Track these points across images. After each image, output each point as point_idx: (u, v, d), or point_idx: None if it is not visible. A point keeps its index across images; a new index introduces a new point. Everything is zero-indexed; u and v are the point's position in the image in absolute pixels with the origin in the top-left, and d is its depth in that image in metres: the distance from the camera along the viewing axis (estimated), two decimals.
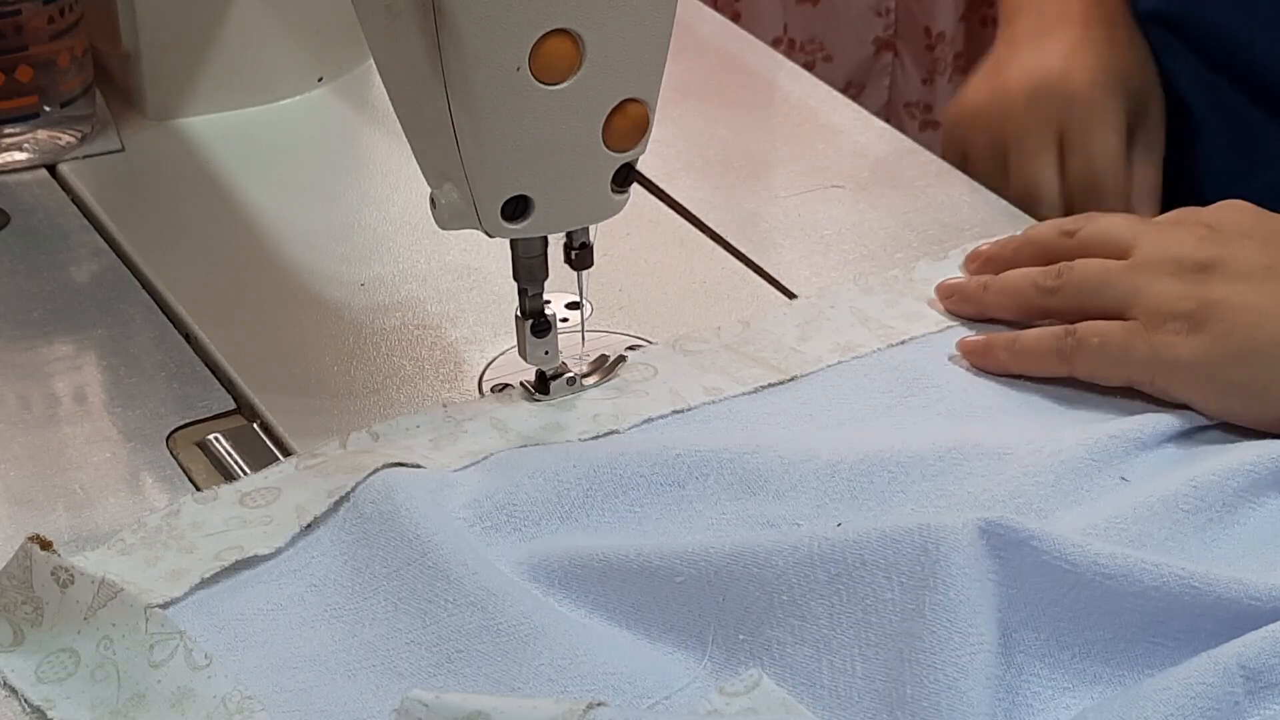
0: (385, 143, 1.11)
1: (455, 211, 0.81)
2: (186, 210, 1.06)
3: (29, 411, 0.89)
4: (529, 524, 0.78)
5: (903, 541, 0.71)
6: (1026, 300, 0.88)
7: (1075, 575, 0.71)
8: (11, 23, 1.05)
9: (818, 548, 0.72)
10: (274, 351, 0.93)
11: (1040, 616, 0.71)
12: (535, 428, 0.84)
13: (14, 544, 0.79)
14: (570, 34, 0.77)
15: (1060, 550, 0.71)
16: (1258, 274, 0.82)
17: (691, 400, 0.86)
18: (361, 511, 0.78)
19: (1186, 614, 0.70)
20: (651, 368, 0.88)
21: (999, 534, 0.71)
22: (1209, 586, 0.70)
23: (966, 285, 0.91)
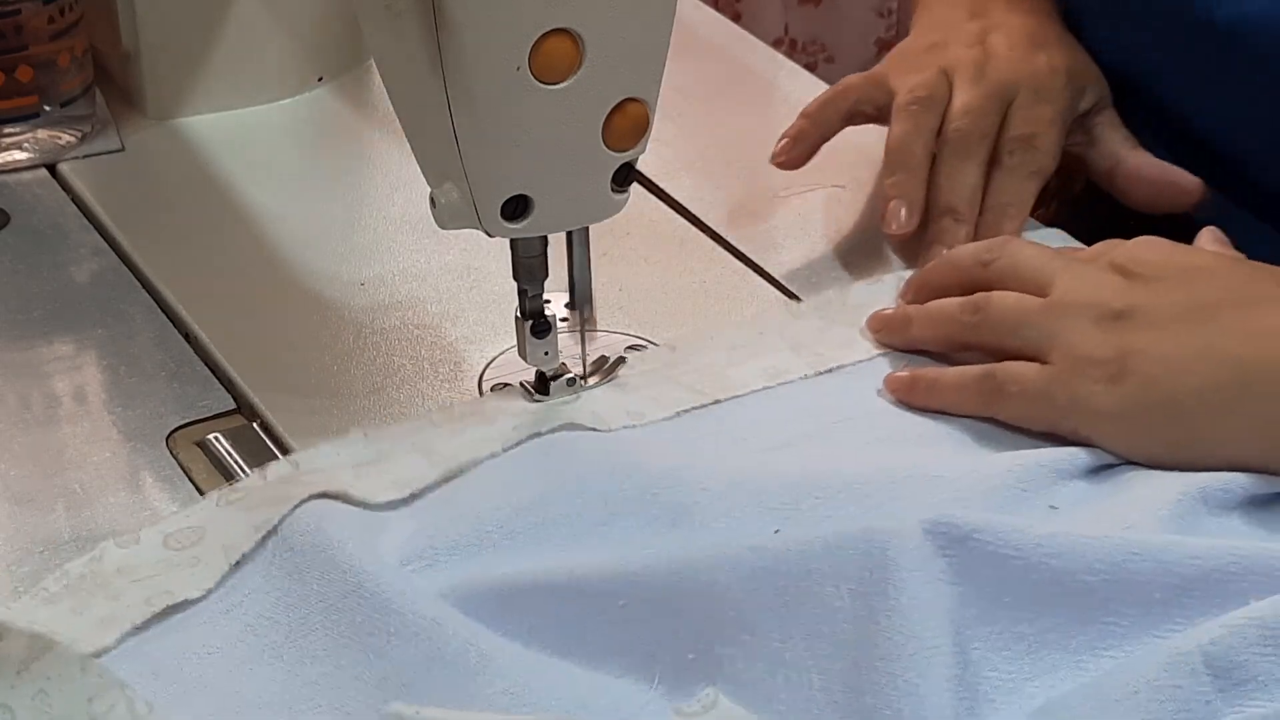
0: (385, 143, 1.11)
1: (455, 211, 0.81)
2: (186, 210, 1.06)
3: (29, 411, 0.89)
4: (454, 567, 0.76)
5: (848, 548, 0.70)
6: (949, 333, 0.87)
7: (1021, 561, 0.70)
8: (11, 23, 1.05)
9: (761, 560, 0.71)
10: (274, 351, 0.93)
11: (993, 609, 0.70)
12: (458, 448, 0.82)
13: (14, 544, 0.79)
14: (570, 34, 0.77)
15: (1004, 539, 0.70)
16: (1176, 320, 0.81)
17: (612, 423, 0.84)
18: (291, 545, 0.76)
19: (1134, 584, 0.70)
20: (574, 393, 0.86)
21: (943, 532, 0.70)
22: (1149, 550, 0.70)
23: (894, 317, 0.89)
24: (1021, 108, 0.98)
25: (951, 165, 0.97)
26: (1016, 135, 0.98)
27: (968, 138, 0.97)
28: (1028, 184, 0.97)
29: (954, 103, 0.98)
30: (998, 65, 1.00)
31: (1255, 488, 0.77)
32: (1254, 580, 0.70)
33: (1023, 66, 1.00)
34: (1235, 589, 0.70)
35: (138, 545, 0.77)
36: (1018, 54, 1.01)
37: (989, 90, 0.98)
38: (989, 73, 0.99)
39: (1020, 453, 0.80)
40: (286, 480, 0.79)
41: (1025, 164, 0.97)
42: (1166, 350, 0.80)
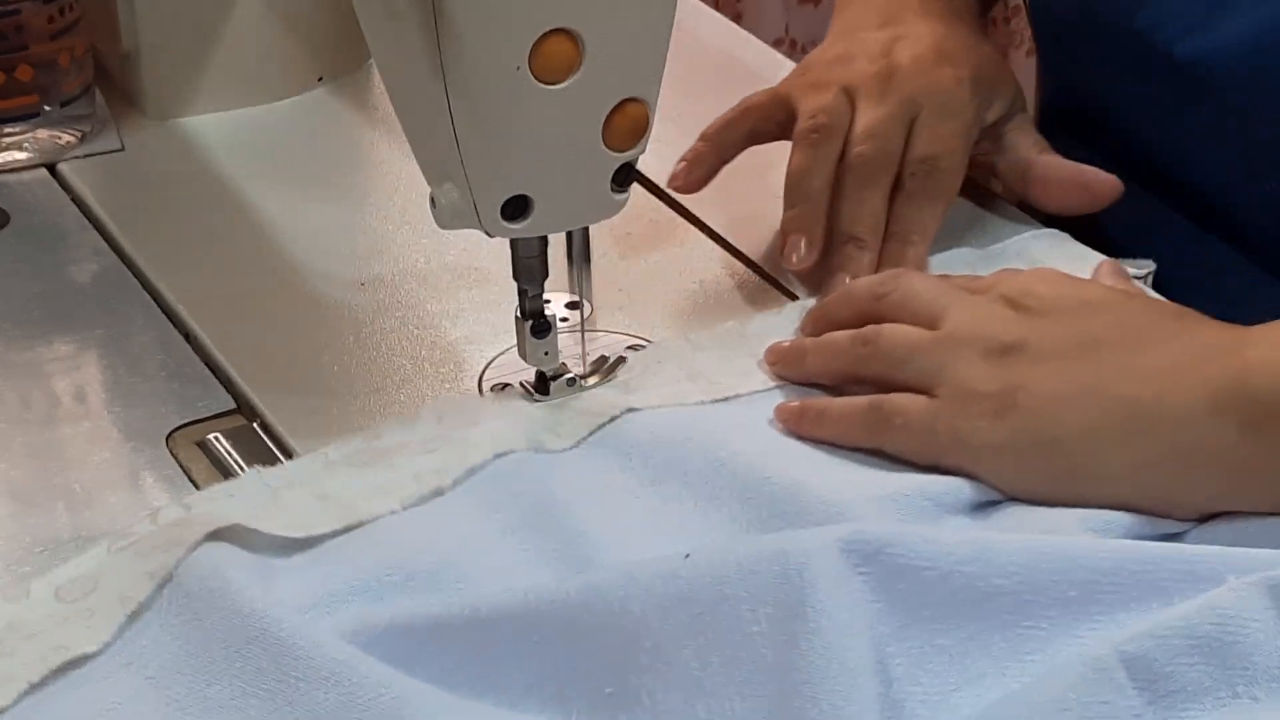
0: (385, 143, 1.11)
1: (455, 211, 0.81)
2: (186, 210, 1.06)
3: (29, 411, 0.89)
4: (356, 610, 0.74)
5: (762, 571, 0.69)
6: (841, 365, 0.86)
7: (935, 572, 0.69)
8: (11, 22, 1.05)
9: (674, 587, 0.69)
10: (274, 351, 0.93)
11: (912, 623, 0.69)
12: (359, 492, 0.79)
13: (14, 544, 0.79)
14: (570, 34, 0.77)
15: (916, 550, 0.69)
16: (1063, 356, 0.80)
17: (515, 445, 0.82)
18: (189, 592, 0.73)
19: (1048, 584, 0.69)
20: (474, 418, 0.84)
21: (856, 549, 0.69)
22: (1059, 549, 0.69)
23: (790, 349, 0.88)
24: (925, 125, 0.96)
25: (854, 192, 0.95)
26: (919, 157, 0.96)
27: (870, 164, 0.95)
28: (931, 209, 0.95)
29: (856, 124, 0.96)
30: (901, 81, 0.98)
31: (1137, 527, 0.76)
32: (1169, 570, 0.69)
33: (927, 81, 0.98)
34: (1150, 579, 0.69)
35: (28, 599, 0.74)
36: (922, 67, 0.99)
37: (892, 109, 0.96)
38: (892, 89, 0.97)
39: (904, 482, 0.79)
40: (179, 523, 0.76)
41: (928, 188, 0.95)
42: (1053, 386, 0.79)
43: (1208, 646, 0.66)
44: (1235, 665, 0.66)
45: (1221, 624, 0.66)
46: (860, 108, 0.97)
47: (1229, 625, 0.66)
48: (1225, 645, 0.66)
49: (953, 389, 0.81)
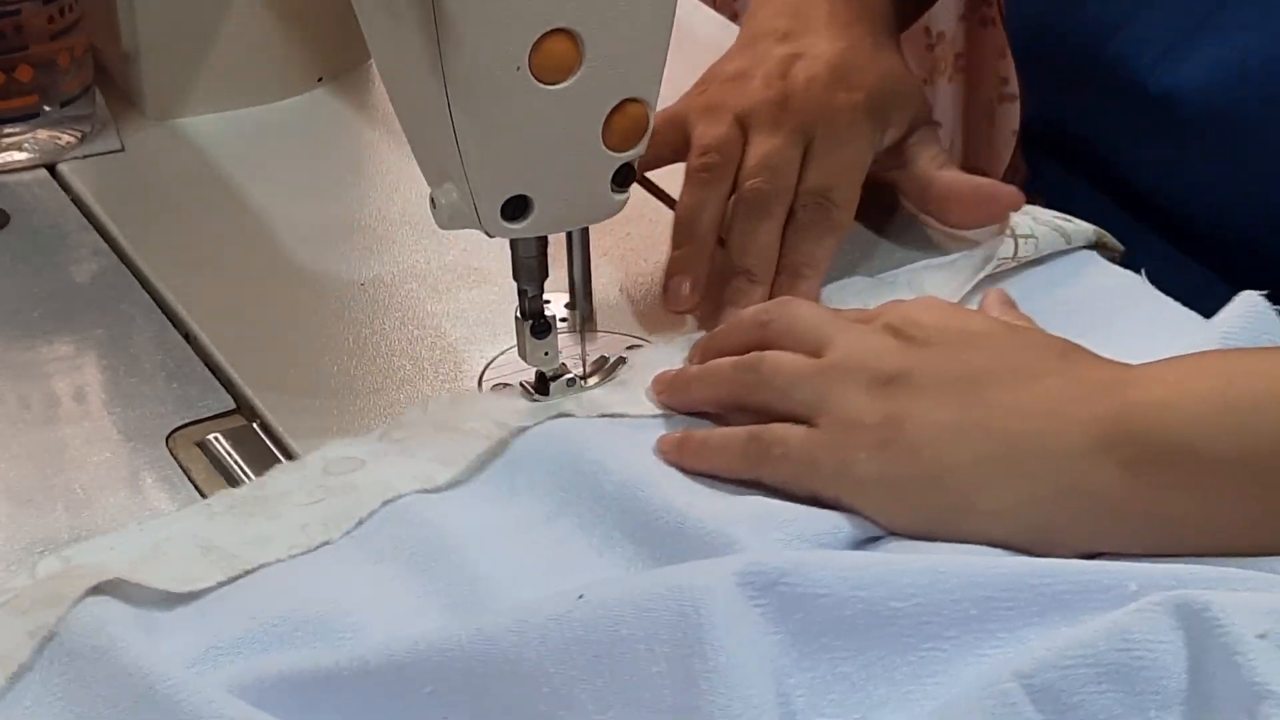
0: (385, 143, 1.11)
1: (455, 211, 0.81)
2: (186, 210, 1.06)
3: (29, 411, 0.89)
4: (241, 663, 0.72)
5: (658, 609, 0.67)
6: (726, 393, 0.84)
7: (831, 598, 0.67)
8: (11, 22, 1.05)
9: (569, 630, 0.67)
10: (274, 351, 0.93)
11: (812, 653, 0.67)
12: (243, 543, 0.77)
13: (14, 544, 0.79)
14: (570, 34, 0.77)
15: (811, 578, 0.68)
16: (945, 388, 0.78)
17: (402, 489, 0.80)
18: (71, 650, 0.70)
19: (946, 603, 0.68)
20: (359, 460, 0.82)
21: (751, 580, 0.67)
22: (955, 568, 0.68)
23: (676, 378, 0.86)
24: (818, 156, 0.95)
25: (746, 225, 0.93)
26: (811, 189, 0.94)
27: (762, 197, 0.93)
28: (823, 242, 0.94)
29: (749, 156, 0.95)
30: (795, 108, 0.96)
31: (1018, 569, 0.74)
32: (1069, 583, 0.68)
33: (821, 107, 0.96)
34: (1050, 593, 0.68)
35: None
36: (815, 92, 0.97)
37: (785, 139, 0.95)
38: (785, 118, 0.96)
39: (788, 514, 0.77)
40: (58, 577, 0.74)
41: (820, 221, 0.94)
42: (935, 419, 0.78)
43: (1116, 673, 0.65)
44: (1145, 690, 0.64)
45: (1128, 649, 0.65)
46: (753, 139, 0.95)
47: (1136, 650, 0.65)
48: (1134, 670, 0.65)
49: (835, 419, 0.79)
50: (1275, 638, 0.63)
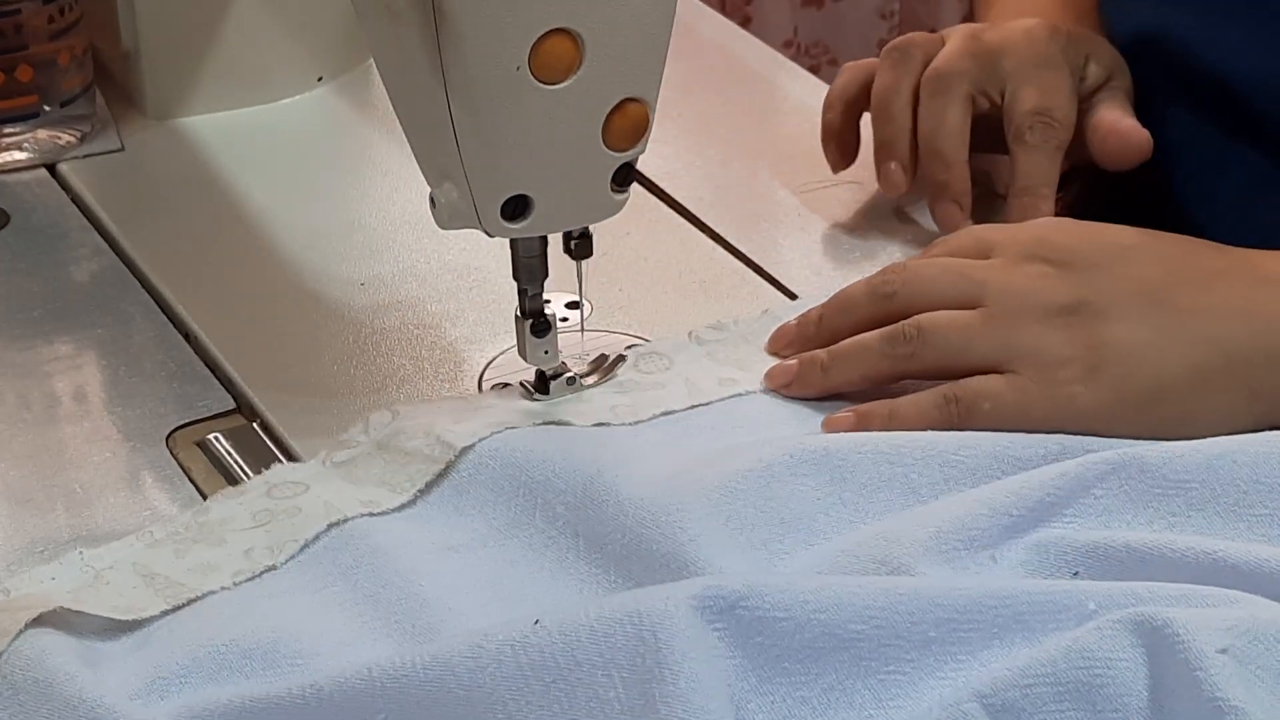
0: (385, 143, 1.11)
1: (455, 211, 0.81)
2: (186, 210, 1.06)
3: (29, 411, 0.89)
4: (188, 693, 0.70)
5: (615, 634, 0.65)
6: (879, 369, 0.83)
7: (790, 621, 0.66)
8: (11, 22, 1.05)
9: (525, 656, 0.66)
10: (274, 351, 0.93)
11: (771, 677, 0.66)
12: (187, 570, 0.76)
13: (14, 544, 0.79)
14: (570, 33, 0.77)
15: (770, 600, 0.66)
16: (1131, 305, 0.79)
17: (348, 512, 0.78)
18: (13, 683, 0.69)
19: (906, 625, 0.67)
20: (302, 484, 0.80)
21: (710, 604, 0.66)
22: (915, 590, 0.67)
23: (804, 365, 0.84)
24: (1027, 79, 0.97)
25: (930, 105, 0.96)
26: (1032, 109, 0.96)
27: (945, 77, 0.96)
28: (1055, 159, 0.96)
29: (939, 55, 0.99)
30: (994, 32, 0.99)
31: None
32: (1029, 603, 0.68)
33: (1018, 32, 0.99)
34: (1010, 613, 0.67)
35: None
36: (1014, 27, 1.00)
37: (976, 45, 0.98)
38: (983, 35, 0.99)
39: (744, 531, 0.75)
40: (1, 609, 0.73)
41: (1049, 140, 0.96)
42: (1138, 339, 0.79)
43: (1077, 691, 0.64)
44: (1106, 708, 0.64)
45: (1088, 667, 0.64)
46: (946, 45, 0.98)
47: (1096, 668, 0.64)
48: (1095, 688, 0.64)
49: (1030, 361, 0.79)
50: (1236, 653, 0.63)
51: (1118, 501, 0.74)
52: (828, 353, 0.85)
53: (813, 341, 0.86)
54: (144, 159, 1.11)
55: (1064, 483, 0.74)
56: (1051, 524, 0.74)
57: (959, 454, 0.77)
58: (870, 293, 0.85)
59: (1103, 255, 0.82)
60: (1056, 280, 0.81)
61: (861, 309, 0.85)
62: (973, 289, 0.82)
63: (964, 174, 0.96)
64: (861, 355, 0.83)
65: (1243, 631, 0.64)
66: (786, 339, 0.87)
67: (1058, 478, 0.75)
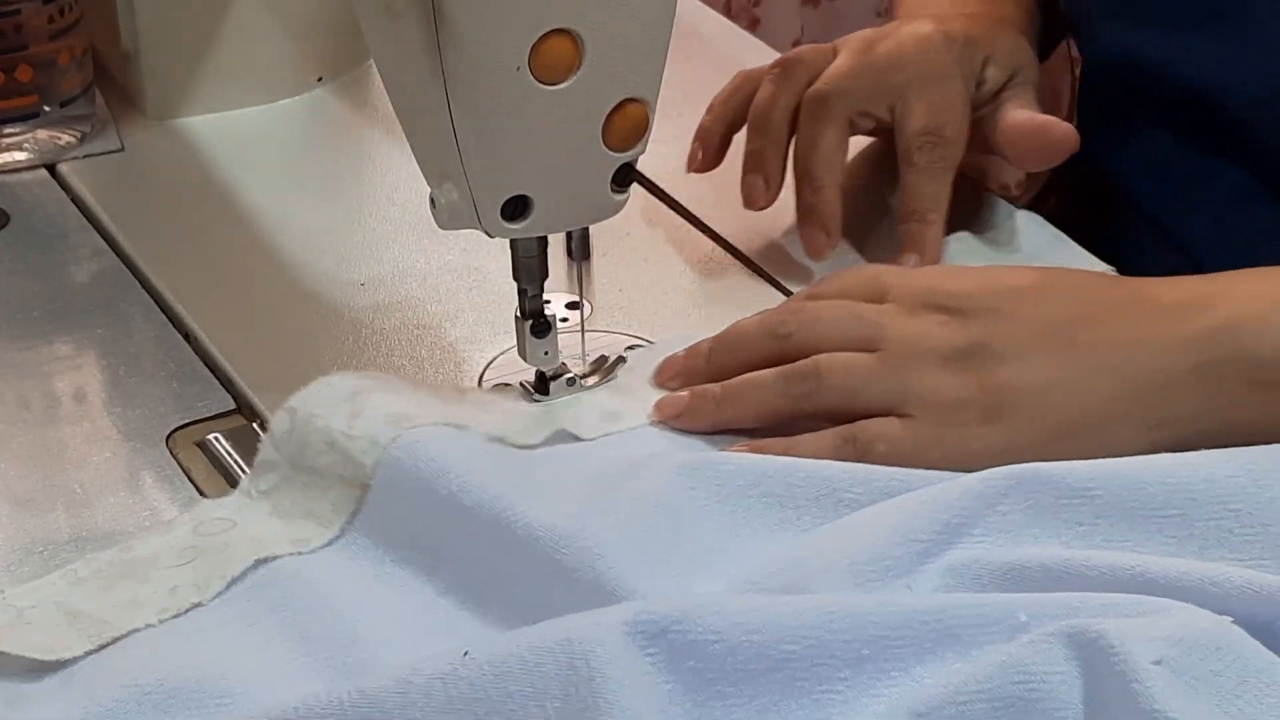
0: (385, 143, 1.11)
1: (455, 211, 0.81)
2: (186, 210, 1.06)
3: (29, 411, 0.89)
4: None
5: (546, 663, 0.64)
6: (774, 406, 0.81)
7: (723, 644, 0.65)
8: (11, 22, 1.05)
9: (455, 689, 0.65)
10: (274, 351, 0.93)
11: (705, 701, 0.65)
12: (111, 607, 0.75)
13: (14, 544, 0.79)
14: (570, 34, 0.77)
15: (702, 623, 0.65)
16: (1030, 346, 0.78)
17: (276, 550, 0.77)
18: None
19: (838, 644, 0.66)
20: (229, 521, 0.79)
21: (641, 630, 0.65)
22: (847, 608, 0.66)
23: (695, 400, 0.83)
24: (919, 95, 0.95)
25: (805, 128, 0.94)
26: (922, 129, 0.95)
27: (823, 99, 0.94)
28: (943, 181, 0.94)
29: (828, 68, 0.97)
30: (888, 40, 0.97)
31: None
32: (959, 616, 0.67)
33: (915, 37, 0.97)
34: (942, 627, 0.67)
35: None
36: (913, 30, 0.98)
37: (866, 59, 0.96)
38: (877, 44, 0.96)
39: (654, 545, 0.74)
40: None
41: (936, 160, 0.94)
42: (1036, 379, 0.78)
43: (1012, 706, 0.64)
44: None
45: (1024, 682, 0.64)
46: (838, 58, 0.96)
47: (1031, 682, 0.64)
48: (1030, 703, 0.64)
49: (926, 405, 0.79)
50: (1171, 663, 0.63)
51: (1025, 516, 0.74)
52: (721, 387, 0.83)
53: (699, 375, 0.84)
54: (144, 159, 1.11)
55: (968, 501, 0.74)
56: (961, 544, 0.73)
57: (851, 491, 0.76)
58: (765, 332, 0.84)
59: (998, 299, 0.81)
60: (952, 326, 0.80)
61: (754, 347, 0.84)
62: (870, 331, 0.81)
63: (833, 199, 0.94)
64: (757, 392, 0.82)
65: (1177, 641, 0.63)
66: (673, 371, 0.86)
67: (961, 496, 0.74)
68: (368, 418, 0.79)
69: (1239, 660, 0.64)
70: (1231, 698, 0.63)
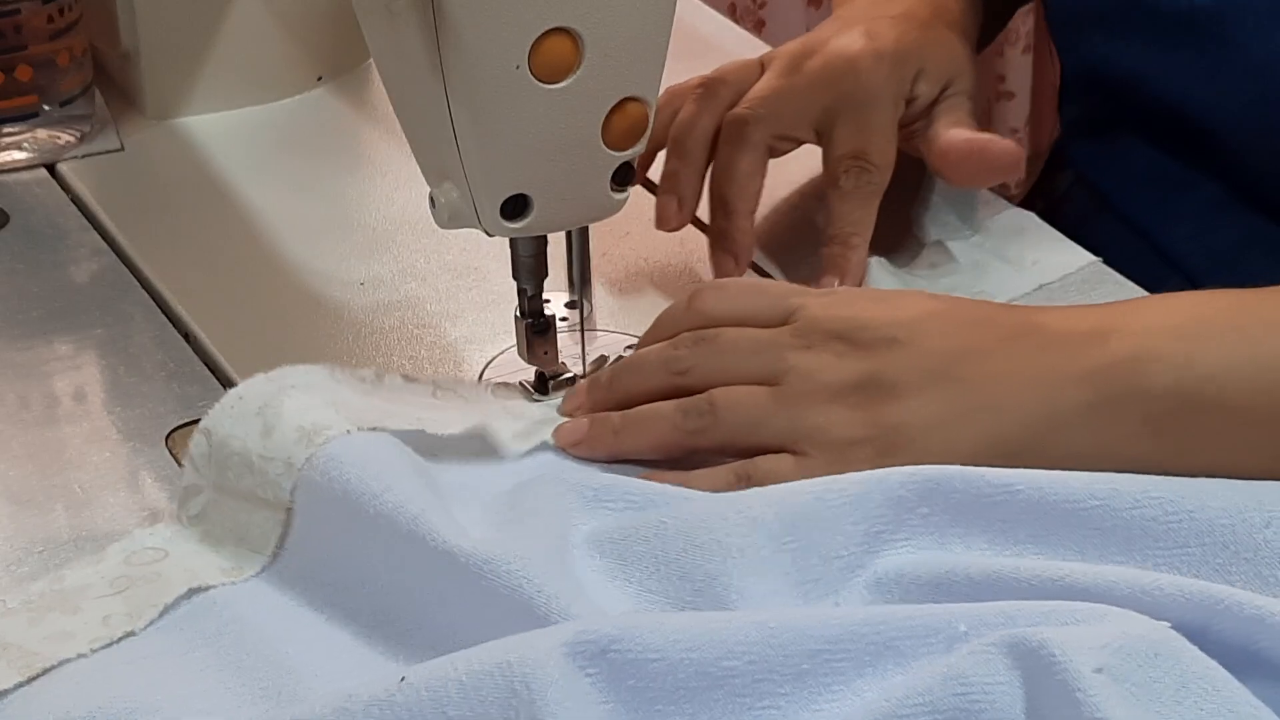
0: (385, 142, 1.11)
1: (455, 210, 0.81)
2: (186, 210, 1.06)
3: (28, 411, 0.89)
4: None
5: (485, 687, 0.63)
6: (671, 440, 0.80)
7: (663, 662, 0.64)
8: (11, 22, 1.05)
9: (393, 715, 0.64)
10: (274, 351, 0.93)
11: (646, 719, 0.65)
12: (42, 639, 0.73)
13: (14, 544, 0.79)
14: (570, 33, 0.77)
15: (641, 641, 0.65)
16: (922, 380, 0.77)
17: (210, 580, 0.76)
18: None
19: (779, 658, 0.65)
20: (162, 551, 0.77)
21: (581, 650, 0.64)
22: (786, 622, 0.66)
23: (595, 429, 0.81)
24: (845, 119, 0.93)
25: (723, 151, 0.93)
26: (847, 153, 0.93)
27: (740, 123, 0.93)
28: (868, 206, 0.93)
29: (754, 86, 0.96)
30: (817, 58, 0.95)
31: None
32: (899, 627, 0.67)
33: (842, 55, 0.94)
34: (881, 639, 0.66)
35: None
36: (841, 44, 0.96)
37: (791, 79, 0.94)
38: (805, 64, 0.95)
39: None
40: None
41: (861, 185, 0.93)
42: (927, 416, 0.76)
43: (955, 719, 0.64)
44: None
45: (965, 693, 0.63)
46: (764, 76, 0.95)
47: (973, 694, 0.63)
48: (973, 714, 0.63)
49: (820, 442, 0.77)
50: (1112, 671, 0.63)
51: (947, 516, 0.73)
52: (621, 416, 0.82)
53: (601, 404, 0.83)
54: (144, 159, 1.11)
55: (886, 510, 0.73)
56: (885, 552, 0.73)
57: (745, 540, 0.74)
58: (663, 365, 0.82)
59: (897, 329, 0.79)
60: (849, 358, 0.78)
61: (652, 378, 0.82)
62: (768, 365, 0.80)
63: (744, 226, 0.93)
64: (654, 423, 0.80)
65: (1117, 649, 0.63)
66: (578, 401, 0.84)
67: (880, 505, 0.73)
68: (280, 435, 0.77)
69: (1177, 667, 0.64)
70: (1172, 704, 0.63)
